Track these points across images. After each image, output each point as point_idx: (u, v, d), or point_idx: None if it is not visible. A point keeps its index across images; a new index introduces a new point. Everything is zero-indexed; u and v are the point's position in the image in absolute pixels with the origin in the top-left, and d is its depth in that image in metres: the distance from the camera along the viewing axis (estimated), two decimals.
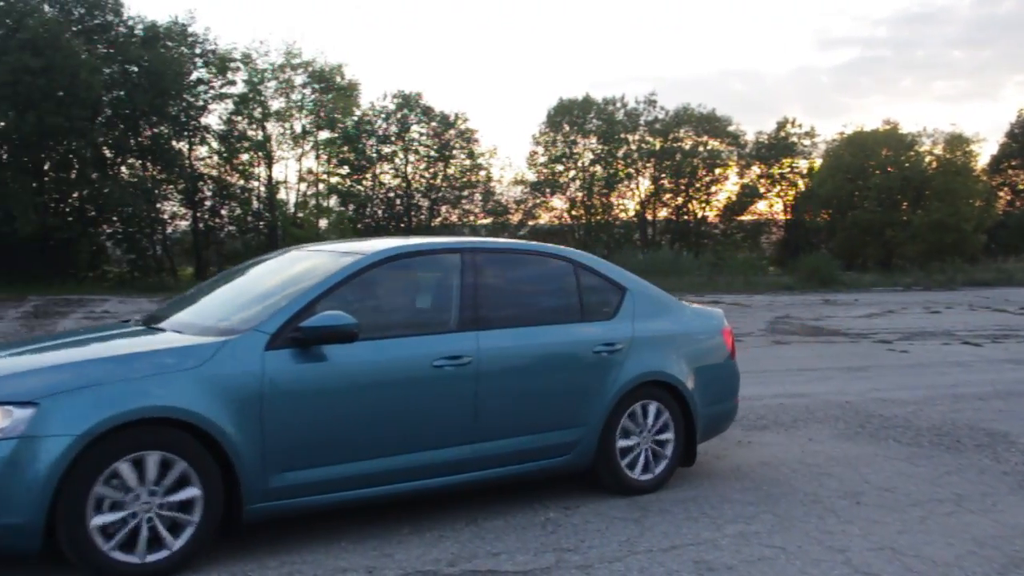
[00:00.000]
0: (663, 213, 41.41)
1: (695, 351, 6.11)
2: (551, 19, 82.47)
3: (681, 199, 40.96)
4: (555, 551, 4.65)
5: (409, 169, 36.61)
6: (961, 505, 5.54)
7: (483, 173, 37.53)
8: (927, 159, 38.68)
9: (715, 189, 41.26)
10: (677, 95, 79.86)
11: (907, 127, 45.36)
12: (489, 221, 37.72)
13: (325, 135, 34.39)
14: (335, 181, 35.29)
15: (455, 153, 36.85)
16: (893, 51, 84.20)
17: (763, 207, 42.68)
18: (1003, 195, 44.30)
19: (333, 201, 35.48)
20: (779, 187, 41.89)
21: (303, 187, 34.36)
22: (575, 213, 40.11)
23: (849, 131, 40.03)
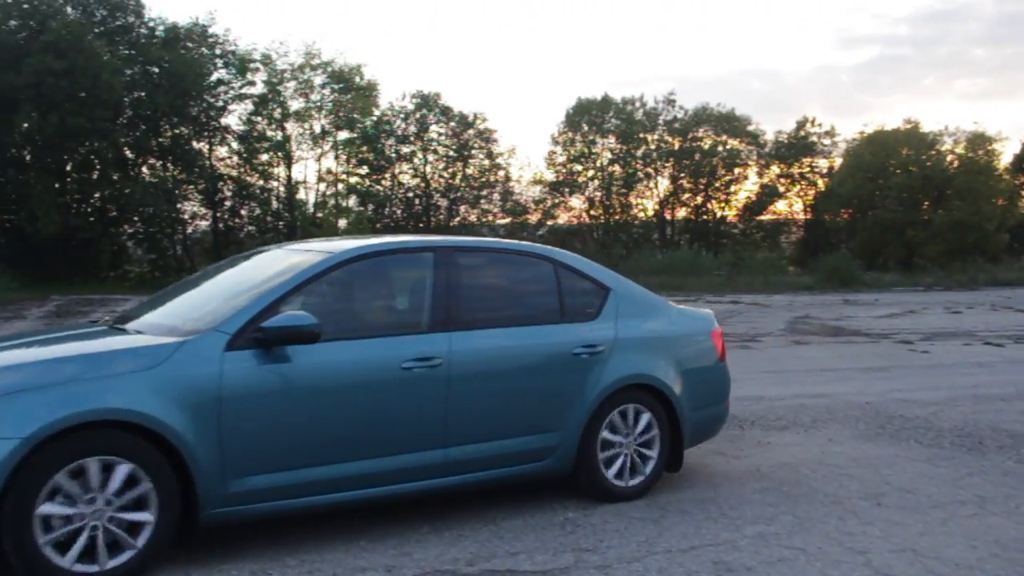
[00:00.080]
0: (682, 213, 41.27)
1: (682, 353, 5.92)
2: (570, 19, 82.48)
3: (700, 199, 40.81)
4: (574, 551, 4.65)
5: (428, 169, 36.73)
6: (984, 507, 5.49)
7: (502, 173, 37.59)
8: (948, 158, 38.38)
9: (734, 189, 41.10)
10: (696, 95, 79.65)
11: (928, 126, 44.96)
12: (508, 221, 37.74)
13: (344, 135, 34.63)
14: (354, 181, 35.48)
15: (474, 153, 36.91)
16: (914, 49, 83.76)
17: (783, 207, 42.51)
18: None
19: (352, 201, 35.69)
20: (799, 187, 41.65)
21: (322, 187, 34.63)
22: (594, 213, 40.04)
23: (870, 130, 39.78)
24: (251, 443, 4.38)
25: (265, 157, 32.57)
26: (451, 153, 36.66)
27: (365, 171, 35.65)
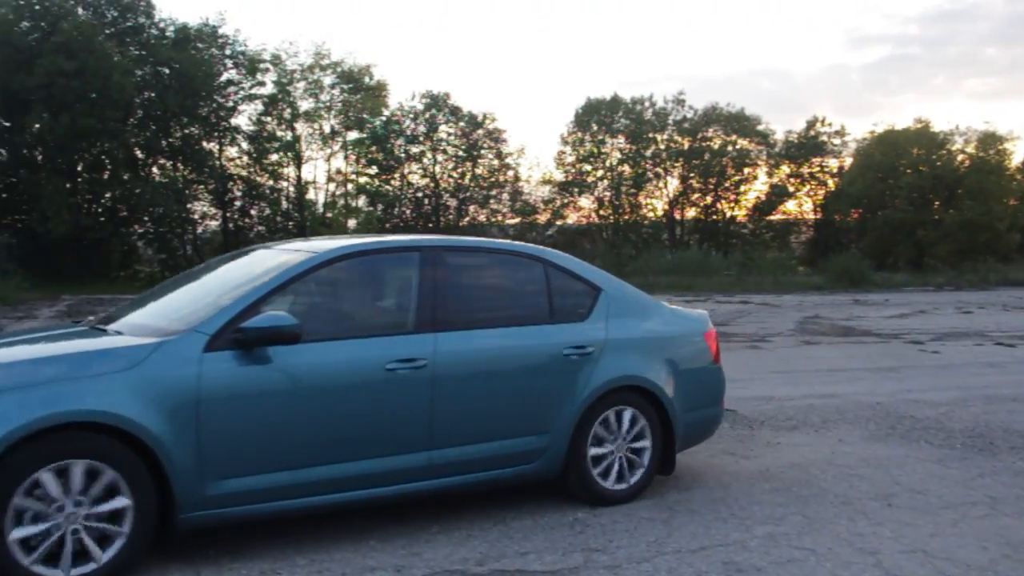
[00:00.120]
0: (691, 213, 41.20)
1: (675, 354, 5.82)
2: (579, 19, 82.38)
3: (710, 199, 40.73)
4: (583, 551, 4.65)
5: (437, 169, 36.77)
6: (995, 508, 5.47)
7: (511, 173, 37.67)
8: (959, 158, 38.23)
9: (744, 189, 41.00)
10: (706, 94, 79.55)
11: (939, 125, 44.62)
12: (517, 221, 37.76)
13: (354, 135, 34.68)
14: (364, 181, 35.54)
15: (483, 153, 36.96)
16: (925, 49, 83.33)
17: (792, 207, 42.40)
18: None
19: (362, 201, 35.72)
20: (809, 186, 41.55)
21: (332, 187, 34.68)
22: (603, 213, 40.03)
23: (880, 130, 39.63)
24: (230, 446, 4.30)
25: (275, 157, 32.69)
26: (460, 153, 36.72)
27: (375, 171, 35.72)
